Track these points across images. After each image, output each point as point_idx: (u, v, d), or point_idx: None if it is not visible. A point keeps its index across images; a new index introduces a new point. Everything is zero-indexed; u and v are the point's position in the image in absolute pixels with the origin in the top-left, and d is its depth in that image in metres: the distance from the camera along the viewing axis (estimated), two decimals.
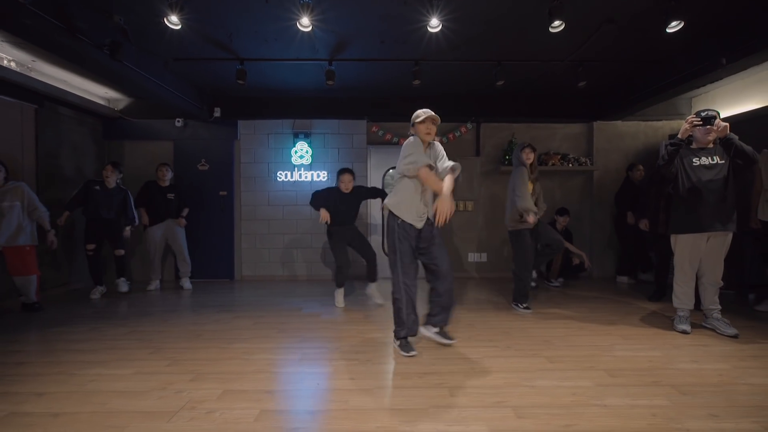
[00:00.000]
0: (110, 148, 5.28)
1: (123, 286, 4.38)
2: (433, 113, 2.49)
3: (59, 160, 4.57)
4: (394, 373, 2.22)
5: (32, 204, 3.66)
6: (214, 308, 3.73)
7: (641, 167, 4.86)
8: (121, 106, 5.18)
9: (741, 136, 2.84)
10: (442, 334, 2.62)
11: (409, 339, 2.56)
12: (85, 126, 4.97)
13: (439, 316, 2.57)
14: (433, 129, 2.49)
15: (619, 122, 5.39)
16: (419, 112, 2.51)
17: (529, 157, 3.51)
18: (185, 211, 4.75)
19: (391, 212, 2.55)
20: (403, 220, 2.51)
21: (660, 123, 5.39)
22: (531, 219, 3.35)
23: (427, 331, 2.62)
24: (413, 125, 2.55)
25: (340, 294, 3.87)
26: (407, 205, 2.53)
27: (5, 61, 3.61)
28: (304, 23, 2.78)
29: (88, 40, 3.02)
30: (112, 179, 4.30)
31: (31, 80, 3.88)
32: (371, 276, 3.92)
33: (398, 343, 2.55)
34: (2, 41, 3.25)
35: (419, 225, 2.54)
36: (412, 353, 2.45)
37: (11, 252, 3.53)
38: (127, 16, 3.11)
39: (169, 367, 2.31)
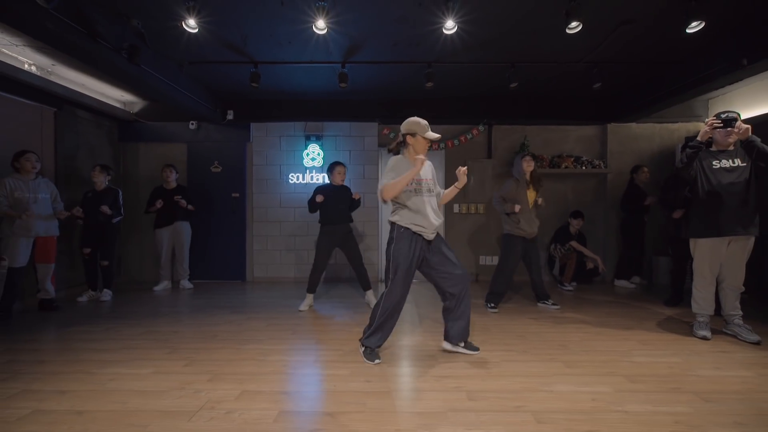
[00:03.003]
0: (125, 150, 5.36)
1: (105, 296, 4.21)
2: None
3: (77, 161, 4.65)
4: (411, 376, 2.21)
5: (57, 199, 3.83)
6: (227, 309, 3.75)
7: (646, 169, 4.81)
8: (136, 109, 5.26)
9: (760, 138, 2.79)
10: (468, 345, 2.58)
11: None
12: (102, 128, 5.05)
13: (459, 327, 2.51)
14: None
15: (633, 124, 5.32)
16: (425, 123, 2.42)
17: (530, 164, 3.66)
18: (190, 207, 4.69)
19: (397, 223, 2.43)
20: (408, 229, 2.39)
21: (676, 125, 5.31)
22: (516, 209, 3.61)
23: (454, 347, 2.56)
24: (414, 135, 2.41)
25: (309, 299, 3.80)
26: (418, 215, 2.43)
27: (26, 65, 3.69)
28: (320, 26, 2.80)
29: (107, 44, 3.07)
30: (100, 181, 4.22)
31: (51, 84, 3.96)
32: (365, 284, 3.81)
33: (365, 350, 2.46)
34: (24, 45, 3.32)
35: (430, 236, 2.44)
36: (378, 361, 2.39)
37: (42, 241, 3.67)
38: (145, 21, 3.16)
39: (187, 367, 2.33)
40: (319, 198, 3.77)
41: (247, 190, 5.34)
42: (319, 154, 5.28)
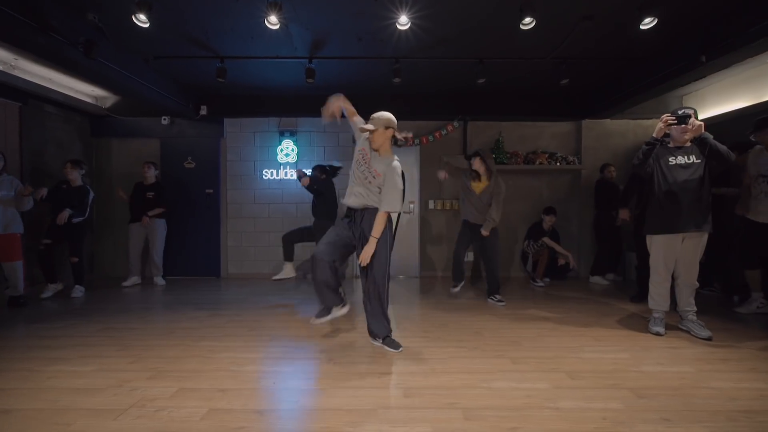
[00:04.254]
0: (98, 145, 5.31)
1: (76, 292, 4.18)
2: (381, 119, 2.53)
3: (45, 157, 4.60)
4: (354, 373, 2.21)
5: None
6: (192, 306, 3.74)
7: (613, 168, 4.84)
8: (108, 103, 5.21)
9: (730, 134, 2.80)
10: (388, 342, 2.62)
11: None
12: (72, 124, 5.00)
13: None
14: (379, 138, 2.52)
15: (608, 120, 5.33)
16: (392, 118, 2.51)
17: (478, 166, 3.82)
18: (156, 211, 4.67)
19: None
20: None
21: (649, 121, 5.32)
22: (443, 175, 3.98)
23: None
24: (387, 129, 2.49)
25: (290, 266, 4.24)
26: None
27: None
28: (272, 21, 2.77)
29: (62, 38, 3.03)
30: (74, 176, 4.18)
31: (14, 78, 3.91)
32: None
33: (386, 339, 2.57)
34: None
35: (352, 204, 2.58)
36: (401, 348, 2.53)
37: (4, 239, 3.62)
38: (100, 15, 3.12)
39: (132, 364, 2.32)
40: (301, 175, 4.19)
41: (221, 186, 5.31)
42: (293, 150, 5.25)
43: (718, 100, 4.64)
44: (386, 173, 2.42)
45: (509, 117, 5.31)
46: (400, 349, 2.52)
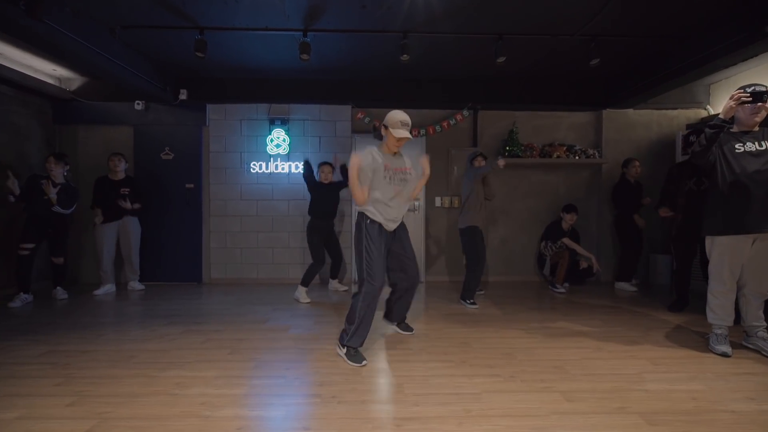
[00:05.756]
0: (62, 133, 4.68)
1: (61, 294, 3.82)
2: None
3: None
4: (366, 420, 1.68)
5: None
6: (165, 320, 3.17)
7: (637, 163, 4.37)
8: (74, 86, 4.58)
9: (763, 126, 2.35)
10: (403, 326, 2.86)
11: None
12: (30, 107, 4.37)
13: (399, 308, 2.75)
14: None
15: (630, 111, 4.88)
16: (399, 119, 2.32)
17: (480, 164, 3.69)
18: (135, 205, 4.18)
19: (363, 213, 2.40)
20: (372, 221, 2.36)
21: (675, 112, 4.89)
22: (502, 163, 3.49)
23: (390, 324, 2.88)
24: (386, 128, 2.37)
25: (304, 291, 3.83)
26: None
27: None
28: None
29: None
30: (58, 173, 3.76)
31: None
32: (335, 273, 4.35)
33: (347, 351, 2.32)
34: None
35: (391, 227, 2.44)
36: (364, 362, 2.25)
37: None
38: None
39: (70, 407, 1.76)
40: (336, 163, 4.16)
41: (203, 180, 4.73)
42: (284, 140, 4.70)
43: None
44: (412, 162, 2.53)
45: (523, 106, 4.83)
46: (363, 362, 2.26)
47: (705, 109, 4.82)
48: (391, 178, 2.33)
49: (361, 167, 2.25)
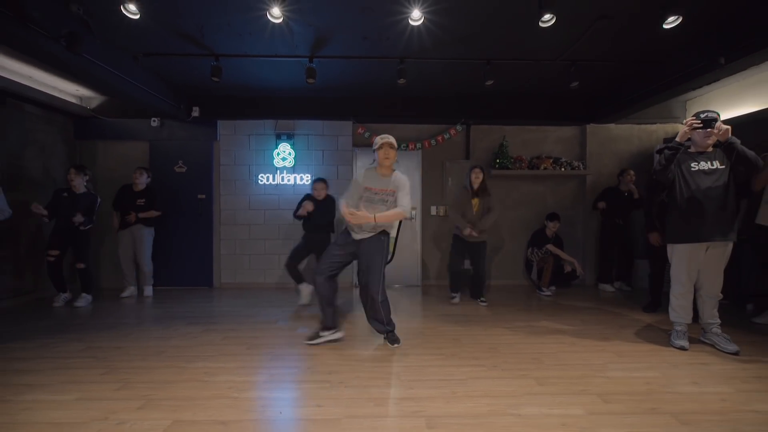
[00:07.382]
0: (82, 148, 5.02)
1: (81, 301, 4.04)
2: (391, 139, 2.64)
3: (24, 161, 4.30)
4: (369, 399, 2.00)
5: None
6: (184, 320, 3.49)
7: (632, 172, 4.69)
8: (94, 104, 4.93)
9: (738, 140, 2.69)
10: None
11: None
12: (54, 125, 4.71)
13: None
14: (392, 154, 2.63)
15: (612, 125, 5.24)
16: (377, 138, 2.68)
17: (478, 177, 3.98)
18: (149, 213, 4.43)
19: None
20: (346, 228, 2.80)
21: (654, 126, 5.25)
22: (467, 232, 3.96)
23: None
24: (374, 151, 2.70)
25: (306, 291, 4.14)
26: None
27: None
28: (275, 14, 2.58)
29: (42, 31, 2.78)
30: (78, 183, 4.07)
31: None
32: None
33: (390, 335, 2.81)
34: None
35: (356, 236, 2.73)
36: (397, 344, 2.77)
37: None
38: (86, 6, 2.88)
39: (119, 391, 2.08)
40: (304, 210, 4.02)
41: (214, 191, 5.06)
42: (290, 154, 5.04)
43: (724, 105, 4.57)
44: (397, 183, 2.68)
45: (513, 121, 5.19)
46: (395, 345, 2.77)
47: (682, 123, 5.18)
48: (368, 199, 2.69)
49: (353, 179, 2.74)
